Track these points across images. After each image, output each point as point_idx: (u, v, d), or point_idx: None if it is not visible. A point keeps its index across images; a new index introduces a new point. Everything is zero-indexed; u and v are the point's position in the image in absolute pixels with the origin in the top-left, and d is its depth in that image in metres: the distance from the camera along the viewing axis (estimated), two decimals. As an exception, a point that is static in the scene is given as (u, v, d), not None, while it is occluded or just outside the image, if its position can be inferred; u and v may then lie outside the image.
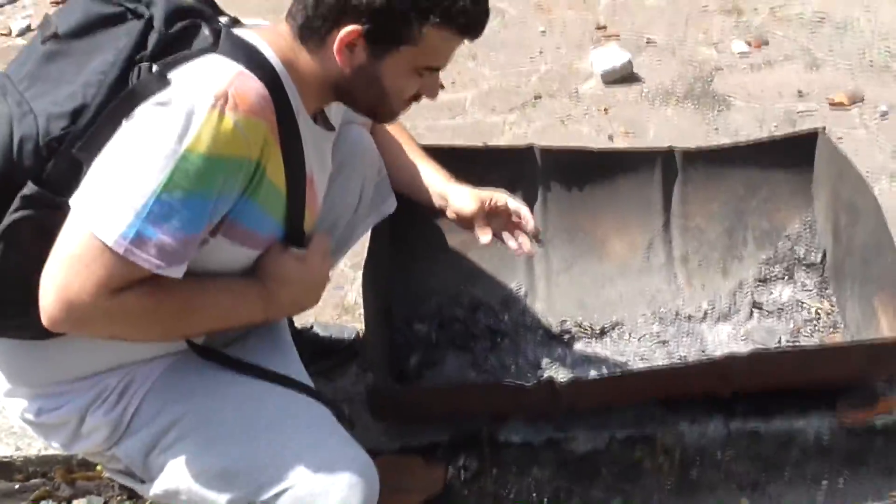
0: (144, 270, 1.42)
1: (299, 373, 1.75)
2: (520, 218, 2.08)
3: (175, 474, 1.63)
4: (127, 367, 1.67)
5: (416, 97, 1.69)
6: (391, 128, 2.15)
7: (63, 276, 1.40)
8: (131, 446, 1.67)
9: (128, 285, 1.43)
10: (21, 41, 4.34)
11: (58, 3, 4.79)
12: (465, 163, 2.20)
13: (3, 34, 4.51)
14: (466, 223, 2.08)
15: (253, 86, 1.46)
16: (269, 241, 1.62)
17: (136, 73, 1.47)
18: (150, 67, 1.46)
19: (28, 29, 4.48)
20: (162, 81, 1.44)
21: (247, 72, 1.47)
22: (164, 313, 1.52)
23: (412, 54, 1.58)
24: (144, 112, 1.43)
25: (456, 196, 2.08)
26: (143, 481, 1.71)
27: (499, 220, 2.10)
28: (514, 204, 2.09)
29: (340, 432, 1.67)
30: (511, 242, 2.10)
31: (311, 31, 1.56)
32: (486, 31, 1.68)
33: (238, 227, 1.54)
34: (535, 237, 2.11)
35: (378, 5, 1.50)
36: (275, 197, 1.57)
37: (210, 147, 1.40)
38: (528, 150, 2.56)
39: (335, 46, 1.54)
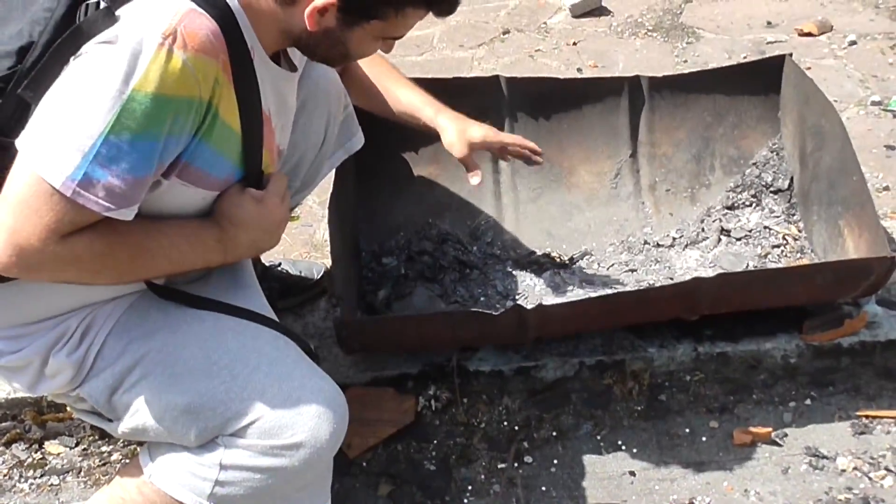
0: (94, 214, 1.40)
1: (263, 307, 1.73)
2: (519, 147, 2.20)
3: (141, 412, 1.62)
4: (88, 308, 1.65)
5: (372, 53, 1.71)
6: (378, 61, 2.15)
7: (12, 221, 1.38)
8: (96, 387, 1.65)
9: (78, 229, 1.41)
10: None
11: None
12: (432, 94, 2.18)
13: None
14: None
15: (204, 24, 1.42)
16: (225, 183, 1.59)
17: (83, 10, 1.43)
18: (98, 4, 1.43)
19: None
20: (109, 18, 1.40)
21: (198, 9, 1.43)
22: (116, 257, 1.49)
23: (381, 27, 1.57)
24: (91, 50, 1.39)
25: (447, 133, 2.13)
26: (110, 420, 1.71)
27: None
28: (510, 138, 2.17)
29: (307, 364, 1.66)
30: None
31: None
32: None
33: (192, 169, 1.51)
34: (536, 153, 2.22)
35: None
36: (229, 137, 1.54)
37: (158, 87, 1.37)
38: (494, 80, 2.54)
39: (307, 10, 1.51)
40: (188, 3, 1.43)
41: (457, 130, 2.13)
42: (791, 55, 2.57)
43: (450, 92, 2.24)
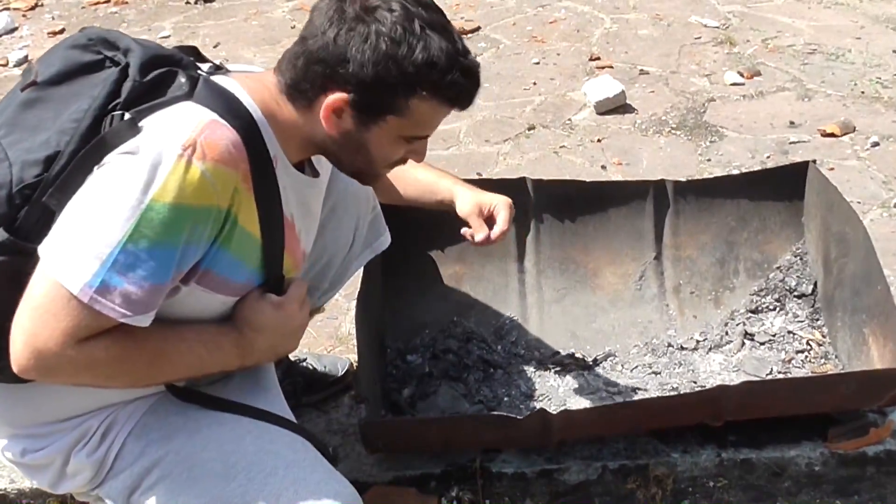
0: (111, 320, 1.43)
1: (283, 409, 1.75)
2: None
3: None
4: (108, 409, 1.67)
5: (403, 160, 1.69)
6: None
7: (31, 325, 1.41)
8: (114, 487, 1.66)
9: (95, 335, 1.44)
10: (17, 71, 4.37)
11: (55, 33, 4.83)
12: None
13: (0, 64, 4.54)
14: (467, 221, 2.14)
15: (225, 134, 1.46)
16: (244, 288, 1.61)
17: (108, 121, 1.48)
18: (123, 115, 1.48)
19: (25, 59, 4.50)
20: (133, 129, 1.45)
21: (220, 120, 1.47)
22: (133, 362, 1.52)
23: (399, 124, 1.57)
24: (113, 160, 1.44)
25: (459, 196, 2.15)
26: None
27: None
28: (503, 219, 2.14)
29: (324, 467, 1.67)
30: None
31: (299, 92, 1.57)
32: (481, 61, 1.69)
33: (211, 275, 1.54)
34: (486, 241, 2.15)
35: (365, 76, 1.50)
36: (249, 244, 1.56)
37: (176, 196, 1.41)
38: (520, 182, 2.58)
39: (322, 112, 1.55)
40: (211, 113, 1.48)
41: (471, 195, 2.15)
42: (815, 161, 2.61)
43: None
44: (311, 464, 1.65)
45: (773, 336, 2.52)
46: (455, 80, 1.53)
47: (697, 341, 2.54)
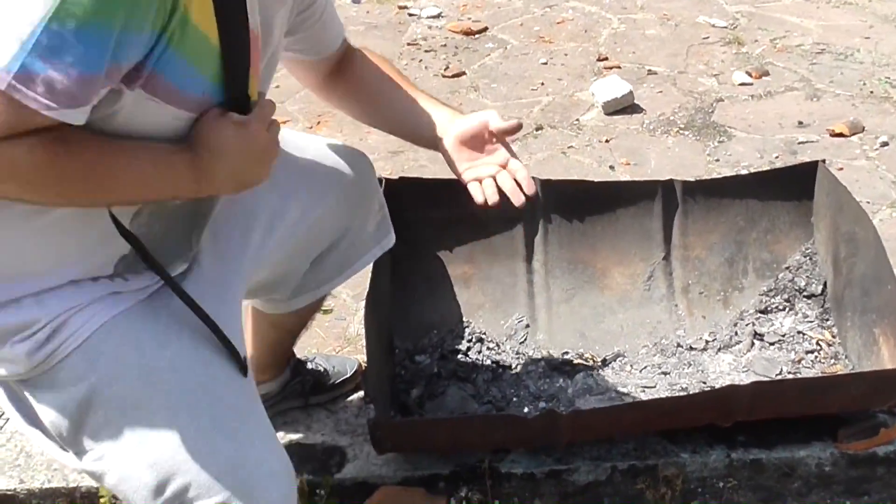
0: (34, 114, 1.25)
1: (234, 333, 1.63)
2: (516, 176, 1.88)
3: (103, 461, 1.54)
4: (59, 304, 1.50)
5: None
6: (382, 66, 1.98)
7: None
8: (51, 402, 1.53)
9: (18, 135, 1.28)
10: None
11: None
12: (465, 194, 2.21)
13: None
14: (461, 157, 1.89)
15: None
16: (200, 104, 1.44)
17: None
18: None
19: None
20: None
21: None
22: (63, 171, 1.33)
23: None
24: None
25: (460, 122, 1.89)
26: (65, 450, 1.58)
27: (488, 167, 1.89)
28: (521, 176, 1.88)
29: (266, 436, 1.60)
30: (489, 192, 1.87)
31: None
32: (489, 62, 1.65)
33: (159, 81, 1.36)
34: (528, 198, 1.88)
35: None
36: (204, 49, 1.39)
37: None
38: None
39: None
40: None
41: (454, 132, 1.89)
42: (824, 161, 2.60)
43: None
44: (257, 435, 1.58)
45: (783, 336, 2.52)
46: None
47: (707, 341, 2.54)
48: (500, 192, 1.87)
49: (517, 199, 1.86)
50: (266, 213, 1.84)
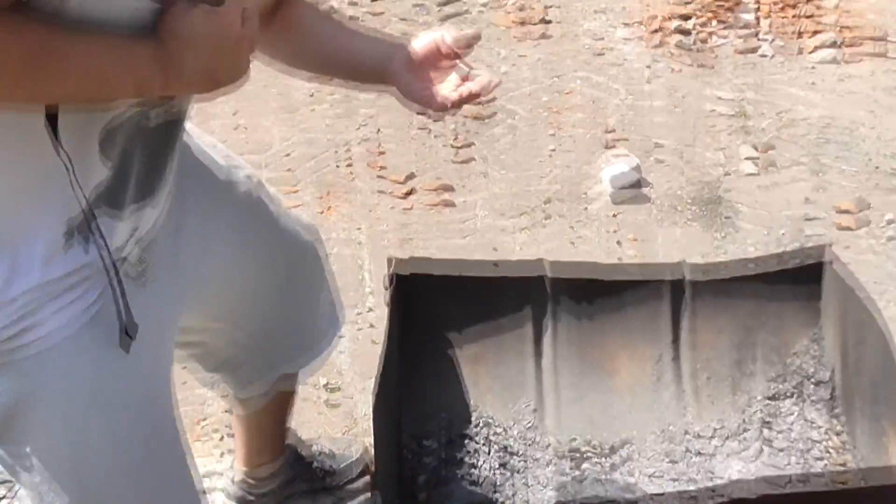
0: None
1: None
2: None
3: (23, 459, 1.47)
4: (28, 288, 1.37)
5: None
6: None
7: None
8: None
9: None
10: None
11: None
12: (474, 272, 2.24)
13: None
14: (416, 79, 1.71)
15: None
16: None
17: None
18: None
19: None
20: None
21: None
22: (6, 57, 1.15)
23: None
24: None
25: (408, 44, 1.71)
26: None
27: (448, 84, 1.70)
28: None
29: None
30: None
31: None
32: (496, 132, 1.62)
33: None
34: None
35: None
36: None
37: None
38: (537, 264, 2.60)
39: None
40: None
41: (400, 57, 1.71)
42: (831, 245, 2.61)
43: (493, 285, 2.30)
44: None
45: (791, 422, 2.52)
46: None
47: (714, 428, 2.54)
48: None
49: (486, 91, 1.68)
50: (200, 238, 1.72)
